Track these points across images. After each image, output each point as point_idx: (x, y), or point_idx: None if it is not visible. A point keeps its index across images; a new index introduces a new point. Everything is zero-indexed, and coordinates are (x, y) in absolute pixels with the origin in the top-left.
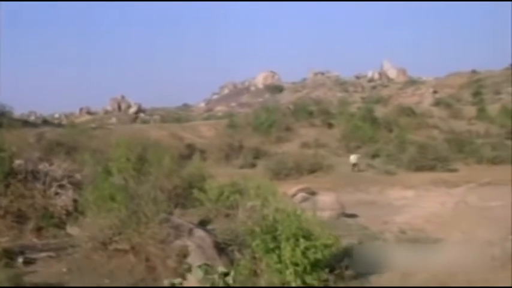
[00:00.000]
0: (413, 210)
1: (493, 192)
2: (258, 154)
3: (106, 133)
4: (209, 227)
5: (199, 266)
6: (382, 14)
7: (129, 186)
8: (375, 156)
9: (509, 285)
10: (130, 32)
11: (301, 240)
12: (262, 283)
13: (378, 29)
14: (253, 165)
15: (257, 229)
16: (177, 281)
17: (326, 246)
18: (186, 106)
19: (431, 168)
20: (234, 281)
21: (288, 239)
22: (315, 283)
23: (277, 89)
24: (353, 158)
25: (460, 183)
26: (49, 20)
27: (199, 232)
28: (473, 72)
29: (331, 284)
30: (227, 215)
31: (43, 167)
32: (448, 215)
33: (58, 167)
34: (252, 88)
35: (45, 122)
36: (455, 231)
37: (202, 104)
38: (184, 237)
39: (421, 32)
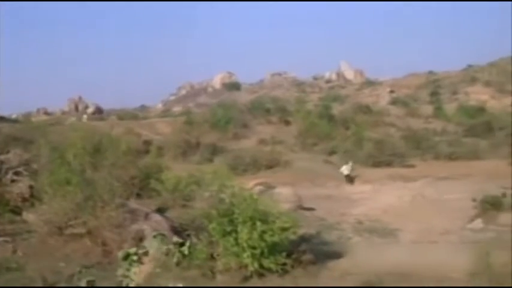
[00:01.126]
0: (370, 203)
1: (450, 186)
2: (215, 150)
3: (62, 129)
4: (166, 214)
5: (154, 236)
6: (339, 15)
7: (85, 172)
8: (331, 153)
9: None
10: (87, 33)
11: (258, 223)
12: (219, 266)
13: (335, 30)
14: (210, 161)
15: (214, 212)
16: (132, 250)
17: (283, 229)
18: (143, 107)
19: (389, 164)
20: (190, 252)
21: (244, 222)
22: (273, 266)
23: (234, 86)
24: (345, 168)
25: (417, 178)
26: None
27: (155, 217)
28: (431, 73)
29: (289, 268)
30: (184, 206)
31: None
32: (404, 206)
33: (14, 155)
34: (210, 89)
35: (2, 118)
36: (411, 222)
37: (160, 105)
38: (141, 221)
39: (378, 33)
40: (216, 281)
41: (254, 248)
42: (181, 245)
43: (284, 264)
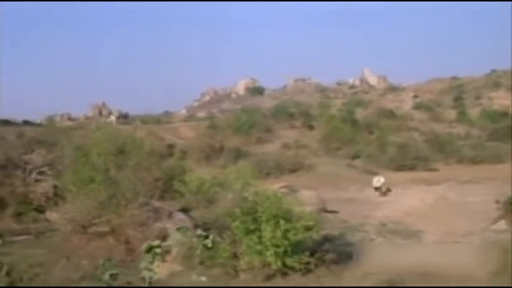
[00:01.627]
0: (393, 206)
1: (473, 189)
2: (238, 154)
3: (86, 132)
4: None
5: (178, 229)
6: (362, 21)
7: (108, 171)
8: (355, 157)
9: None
10: (111, 39)
11: (282, 221)
12: (243, 265)
13: (358, 36)
14: (233, 165)
15: (237, 210)
16: (155, 242)
17: (307, 228)
18: (167, 113)
19: (412, 168)
20: (213, 245)
21: (268, 220)
22: (296, 265)
23: (258, 91)
24: (376, 180)
25: (440, 181)
26: (26, 23)
27: (179, 215)
28: (454, 78)
29: (312, 267)
30: (207, 207)
31: (23, 156)
32: (427, 209)
33: (38, 155)
34: (233, 95)
35: (27, 122)
36: (434, 224)
37: (184, 111)
38: (164, 219)
39: (401, 38)
40: (239, 280)
41: (277, 246)
42: (205, 237)
43: (307, 263)
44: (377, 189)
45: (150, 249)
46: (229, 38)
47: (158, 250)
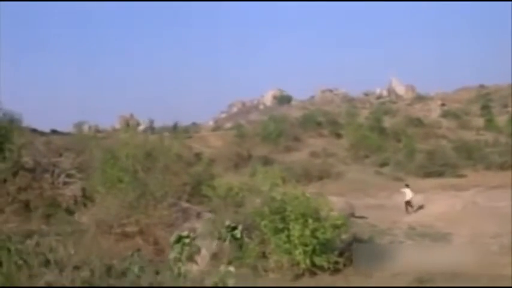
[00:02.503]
0: (422, 211)
1: (501, 194)
2: (266, 162)
3: (114, 141)
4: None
5: (208, 219)
6: (388, 30)
7: (137, 172)
8: (383, 164)
9: None
10: (136, 51)
11: (310, 220)
12: (271, 264)
13: (385, 46)
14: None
15: (265, 209)
16: (184, 233)
17: (335, 227)
18: (194, 125)
19: (440, 174)
20: (241, 235)
21: (296, 219)
22: (325, 264)
23: (285, 99)
24: (408, 192)
25: (469, 187)
26: (50, 36)
27: (207, 215)
28: (481, 86)
29: (341, 267)
30: (235, 212)
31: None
32: (456, 214)
33: (66, 158)
34: (261, 106)
35: (54, 131)
36: (463, 227)
37: (211, 123)
38: (193, 220)
39: (428, 48)
40: (268, 279)
41: (306, 245)
42: (233, 229)
43: (336, 262)
44: (408, 203)
45: (179, 239)
46: (257, 50)
47: (187, 240)
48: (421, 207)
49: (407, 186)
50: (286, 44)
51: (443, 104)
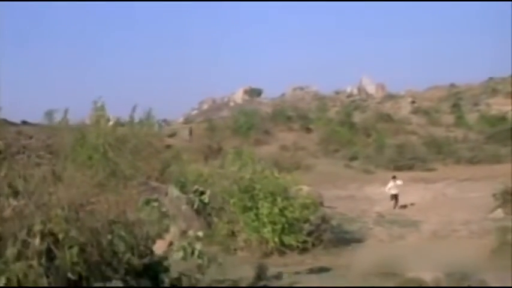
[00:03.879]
0: (392, 202)
1: (471, 186)
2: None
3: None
4: None
5: (175, 183)
6: (359, 29)
7: (107, 151)
8: (353, 158)
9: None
10: (104, 48)
11: (279, 199)
12: (240, 243)
13: (356, 45)
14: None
15: (234, 188)
16: (153, 197)
17: (304, 206)
18: (165, 121)
19: (410, 168)
20: (209, 201)
21: (265, 198)
22: (293, 243)
23: (255, 92)
24: (392, 185)
25: (439, 180)
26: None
27: (176, 193)
28: (452, 85)
29: (310, 247)
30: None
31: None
32: (426, 203)
33: (37, 140)
34: (232, 103)
35: (25, 122)
36: (433, 215)
37: (182, 119)
38: (161, 198)
39: (399, 47)
40: (237, 257)
41: (275, 223)
42: (201, 193)
43: (305, 242)
44: (394, 197)
45: (148, 202)
46: (227, 47)
47: (155, 204)
48: (412, 204)
49: (394, 178)
50: (257, 41)
51: (413, 102)
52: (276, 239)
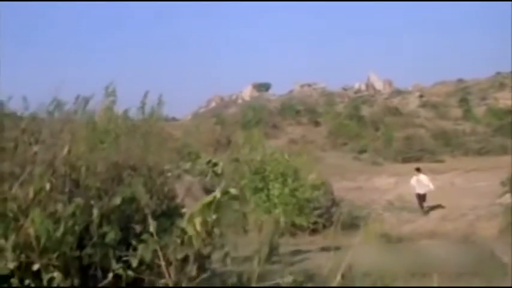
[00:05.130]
0: (400, 191)
1: (479, 176)
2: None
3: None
4: None
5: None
6: (368, 26)
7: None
8: (361, 151)
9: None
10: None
11: (289, 180)
12: (251, 223)
13: (363, 42)
14: None
15: (245, 169)
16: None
17: (314, 187)
18: (174, 120)
19: (418, 159)
20: (223, 171)
21: (276, 179)
22: (304, 224)
23: (264, 86)
24: (415, 181)
25: (447, 170)
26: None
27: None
28: (460, 80)
29: (320, 228)
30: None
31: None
32: (434, 191)
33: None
34: (240, 101)
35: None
36: (441, 202)
37: (190, 117)
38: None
39: (406, 42)
40: (247, 237)
41: (286, 204)
42: (214, 165)
43: (315, 223)
44: (420, 198)
45: None
46: (234, 46)
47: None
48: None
49: (418, 170)
50: (265, 39)
51: (421, 96)
52: (287, 220)
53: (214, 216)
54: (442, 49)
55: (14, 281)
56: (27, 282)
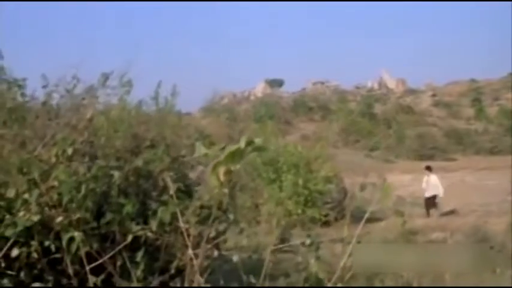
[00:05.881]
0: (412, 188)
1: (490, 174)
2: None
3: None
4: None
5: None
6: (380, 24)
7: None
8: (373, 149)
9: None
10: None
11: (302, 171)
12: (263, 214)
13: (377, 40)
14: None
15: (258, 160)
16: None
17: (327, 179)
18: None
19: (430, 157)
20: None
21: (289, 170)
22: (316, 216)
23: (276, 82)
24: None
25: (458, 169)
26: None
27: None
28: (472, 81)
29: (332, 220)
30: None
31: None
32: (446, 188)
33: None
34: (252, 97)
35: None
36: (453, 198)
37: (202, 113)
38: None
39: (419, 42)
40: (260, 228)
41: (298, 195)
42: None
43: (327, 215)
44: (430, 202)
45: None
46: (248, 42)
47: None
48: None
49: (428, 169)
50: (278, 36)
51: (434, 95)
52: (299, 211)
53: (238, 166)
54: (455, 49)
55: (34, 244)
56: (47, 243)
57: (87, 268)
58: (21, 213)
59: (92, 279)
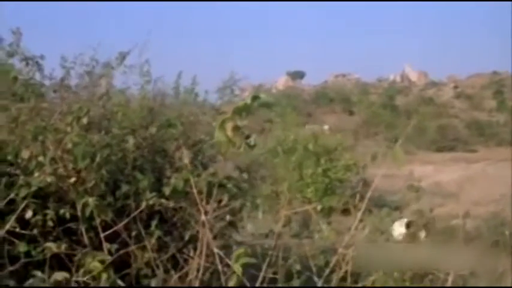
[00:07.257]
0: (432, 179)
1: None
2: None
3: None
4: None
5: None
6: (403, 18)
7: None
8: (394, 141)
9: None
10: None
11: (322, 160)
12: (283, 202)
13: (399, 33)
14: None
15: (279, 149)
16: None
17: (347, 167)
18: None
19: (452, 149)
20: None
21: (309, 158)
22: (335, 204)
23: (298, 74)
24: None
25: (480, 160)
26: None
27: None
28: (495, 73)
29: (351, 207)
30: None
31: None
32: (466, 179)
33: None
34: (274, 90)
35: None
36: (472, 189)
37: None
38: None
39: (441, 35)
40: (279, 216)
41: (318, 184)
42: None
43: (347, 203)
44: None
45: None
46: (270, 35)
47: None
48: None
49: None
50: (300, 29)
51: (456, 87)
52: (319, 199)
53: (245, 122)
54: (477, 42)
55: (50, 213)
56: (61, 212)
57: (102, 235)
58: (36, 174)
59: (106, 246)
